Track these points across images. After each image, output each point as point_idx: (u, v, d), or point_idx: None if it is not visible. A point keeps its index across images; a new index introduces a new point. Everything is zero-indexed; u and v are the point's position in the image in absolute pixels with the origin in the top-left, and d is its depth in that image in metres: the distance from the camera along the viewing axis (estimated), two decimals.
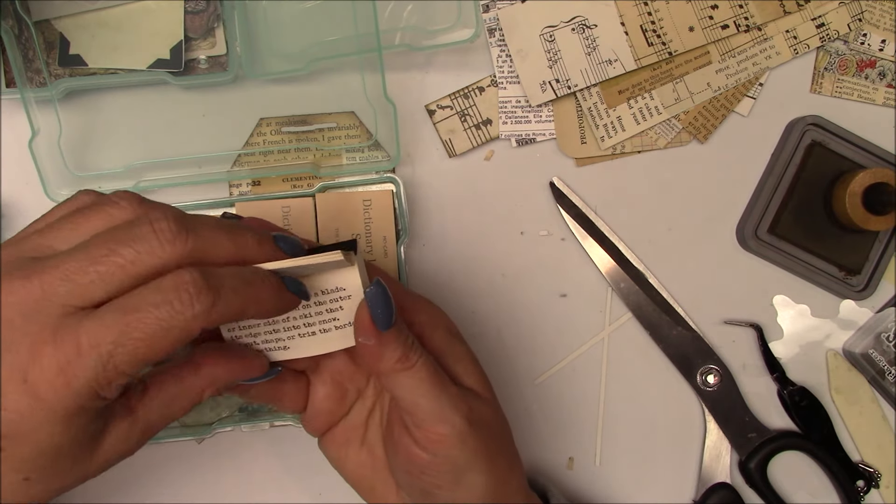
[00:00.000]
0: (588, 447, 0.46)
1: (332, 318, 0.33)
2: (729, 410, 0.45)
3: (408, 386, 0.31)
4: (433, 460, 0.32)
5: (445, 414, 0.31)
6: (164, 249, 0.26)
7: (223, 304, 0.26)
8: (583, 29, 0.45)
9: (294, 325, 0.33)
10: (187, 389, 0.30)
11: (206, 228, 0.28)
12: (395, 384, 0.31)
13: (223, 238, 0.28)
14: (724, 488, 0.45)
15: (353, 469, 0.36)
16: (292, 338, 0.33)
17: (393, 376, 0.31)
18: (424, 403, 0.31)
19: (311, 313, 0.32)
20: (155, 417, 0.29)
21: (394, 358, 0.31)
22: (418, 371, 0.31)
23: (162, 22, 0.43)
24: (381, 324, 0.31)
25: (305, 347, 0.33)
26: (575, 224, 0.46)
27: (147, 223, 0.26)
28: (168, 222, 0.26)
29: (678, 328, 0.46)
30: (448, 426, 0.31)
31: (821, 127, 0.46)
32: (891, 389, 0.46)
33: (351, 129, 0.45)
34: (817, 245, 0.46)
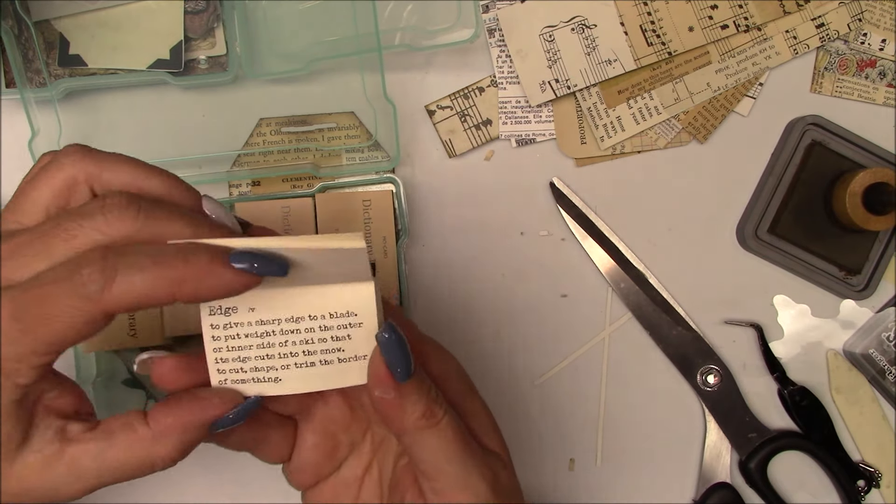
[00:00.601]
0: (588, 447, 0.46)
1: (336, 349, 0.28)
2: (729, 410, 0.45)
3: (432, 447, 0.27)
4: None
5: (471, 481, 0.28)
6: (109, 226, 0.25)
7: (120, 287, 0.23)
8: (582, 29, 0.45)
9: (291, 352, 0.28)
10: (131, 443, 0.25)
11: (163, 212, 0.26)
12: (417, 444, 0.28)
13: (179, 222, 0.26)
14: (725, 488, 0.45)
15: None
16: (287, 367, 0.28)
17: (416, 434, 0.27)
18: (449, 468, 0.28)
19: (313, 339, 0.28)
20: (88, 461, 0.25)
21: (417, 413, 0.27)
22: (444, 430, 0.28)
23: (162, 22, 0.43)
24: (400, 374, 0.27)
25: (301, 381, 0.28)
26: (575, 224, 0.46)
27: (100, 199, 0.25)
28: (119, 198, 0.25)
29: (678, 328, 0.46)
30: (472, 495, 0.28)
31: (821, 127, 0.46)
32: (891, 389, 0.46)
33: (351, 130, 0.45)
34: (817, 245, 0.46)
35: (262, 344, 0.28)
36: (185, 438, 0.26)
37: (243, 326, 0.27)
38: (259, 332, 0.27)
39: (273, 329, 0.27)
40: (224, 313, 0.27)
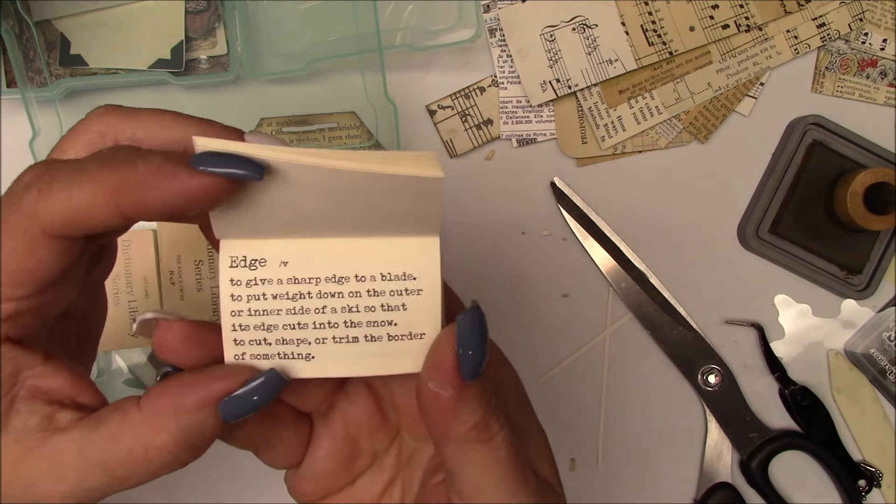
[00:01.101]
0: (589, 447, 0.46)
1: (387, 321, 0.22)
2: (730, 410, 0.45)
3: (479, 465, 0.23)
4: None
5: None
6: None
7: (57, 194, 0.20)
8: (583, 29, 0.45)
9: (330, 321, 0.22)
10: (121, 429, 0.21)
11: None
12: (461, 458, 0.23)
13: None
14: (726, 488, 0.45)
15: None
16: (323, 341, 0.22)
17: (462, 447, 0.22)
18: (494, 494, 0.23)
19: (359, 306, 0.22)
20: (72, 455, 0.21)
21: (470, 422, 0.22)
22: (497, 448, 0.23)
23: (163, 22, 0.43)
24: (468, 370, 0.22)
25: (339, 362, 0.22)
26: (576, 224, 0.46)
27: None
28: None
29: (679, 328, 0.46)
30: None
31: (822, 126, 0.46)
32: (892, 389, 0.46)
33: (352, 130, 0.45)
34: (818, 245, 0.46)
35: (293, 309, 0.22)
36: (185, 423, 0.21)
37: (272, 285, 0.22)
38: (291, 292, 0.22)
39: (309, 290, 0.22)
40: (249, 266, 0.22)
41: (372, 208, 0.21)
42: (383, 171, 0.20)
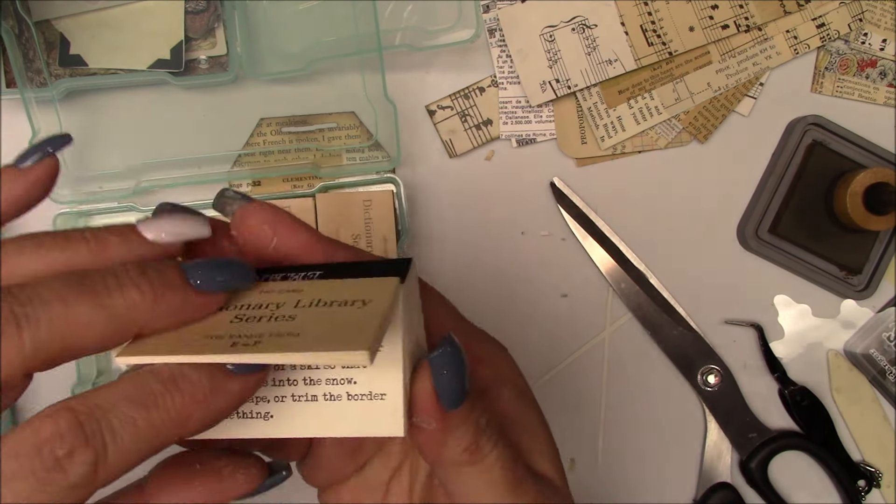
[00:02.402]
0: (589, 448, 0.46)
1: (346, 379, 0.21)
2: (730, 410, 0.45)
3: (472, 485, 0.23)
4: None
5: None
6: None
7: (115, 454, 0.18)
8: (583, 29, 0.45)
9: (289, 378, 0.22)
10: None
11: (56, 303, 0.18)
12: (454, 479, 0.23)
13: (85, 310, 0.18)
14: (725, 488, 0.45)
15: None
16: (282, 399, 0.22)
17: (454, 469, 0.23)
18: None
19: (318, 364, 0.21)
20: None
21: (460, 447, 0.22)
22: (490, 468, 0.23)
23: (162, 22, 0.43)
24: (451, 401, 0.21)
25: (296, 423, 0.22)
26: (575, 224, 0.46)
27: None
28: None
29: (679, 328, 0.46)
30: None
31: (821, 127, 0.46)
32: (892, 389, 0.46)
33: (351, 130, 0.45)
34: (818, 245, 0.46)
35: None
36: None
37: None
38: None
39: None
40: None
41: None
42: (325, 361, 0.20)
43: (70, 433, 0.17)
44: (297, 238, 0.23)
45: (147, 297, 0.19)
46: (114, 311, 0.19)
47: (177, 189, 0.44)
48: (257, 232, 0.23)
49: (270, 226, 0.23)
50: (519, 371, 0.27)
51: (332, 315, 0.20)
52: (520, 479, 0.23)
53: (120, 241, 0.20)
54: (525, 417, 0.26)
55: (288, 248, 0.23)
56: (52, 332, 0.18)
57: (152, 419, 0.18)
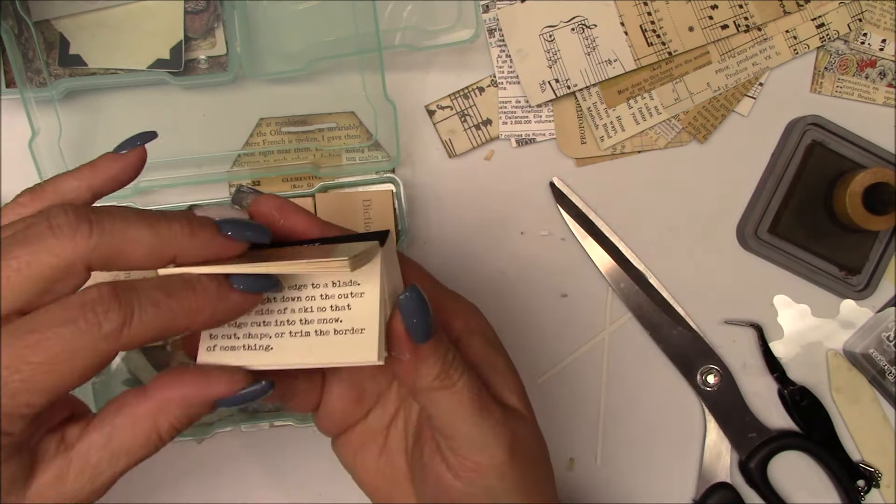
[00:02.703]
0: (588, 447, 0.46)
1: (334, 318, 0.27)
2: (729, 410, 0.45)
3: (446, 407, 0.28)
4: (467, 491, 0.29)
5: (487, 443, 0.28)
6: (62, 246, 0.23)
7: (139, 323, 0.23)
8: (582, 29, 0.45)
9: (288, 319, 0.27)
10: (133, 420, 0.25)
11: (118, 217, 0.24)
12: (431, 403, 0.28)
13: (140, 228, 0.24)
14: (725, 488, 0.45)
15: (370, 478, 0.33)
16: (281, 335, 0.27)
17: (430, 394, 0.28)
18: (464, 428, 0.28)
19: (312, 307, 0.27)
20: (97, 456, 0.24)
21: (431, 374, 0.27)
22: (460, 391, 0.28)
23: (162, 22, 0.43)
24: (418, 335, 0.27)
25: (292, 353, 0.27)
26: (575, 224, 0.46)
27: (44, 219, 0.23)
28: (66, 216, 0.23)
29: (678, 328, 0.46)
30: (488, 457, 0.28)
31: (821, 127, 0.46)
32: (891, 389, 0.46)
33: (351, 130, 0.45)
34: (818, 245, 0.46)
35: (260, 310, 0.27)
36: (189, 412, 0.26)
37: None
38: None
39: (275, 296, 0.27)
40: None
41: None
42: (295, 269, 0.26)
43: (109, 297, 0.23)
44: (298, 218, 0.29)
45: (185, 229, 0.25)
46: (160, 233, 0.24)
47: (177, 189, 0.44)
48: (268, 216, 0.29)
49: (278, 211, 0.29)
50: (488, 324, 0.33)
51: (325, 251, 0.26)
52: (486, 402, 0.28)
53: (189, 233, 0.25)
54: (494, 361, 0.31)
55: (293, 226, 0.29)
56: (113, 237, 0.23)
57: (171, 304, 0.24)
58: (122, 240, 0.24)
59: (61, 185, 0.27)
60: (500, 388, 0.31)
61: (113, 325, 0.23)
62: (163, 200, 0.44)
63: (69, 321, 0.22)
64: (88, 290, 0.23)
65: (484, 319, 0.33)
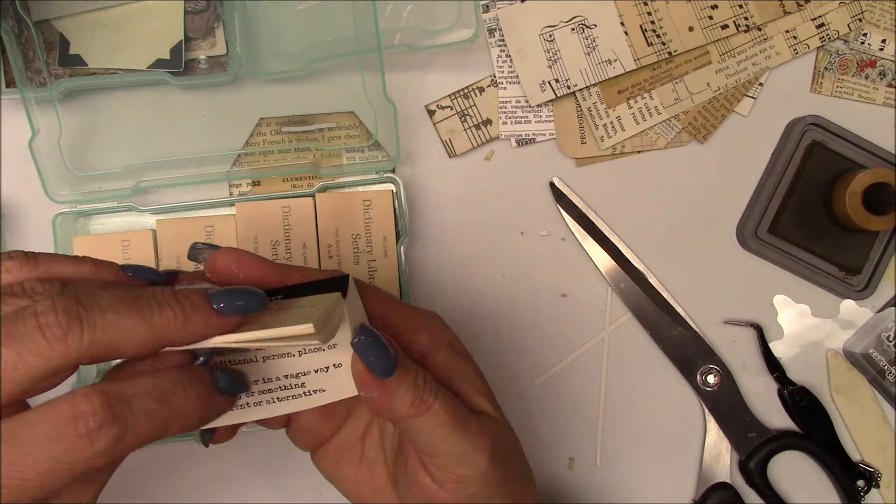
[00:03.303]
0: (588, 447, 0.46)
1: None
2: (729, 410, 0.45)
3: (425, 430, 0.28)
4: (453, 499, 0.30)
5: (468, 455, 0.29)
6: (53, 350, 0.22)
7: (132, 436, 0.22)
8: (582, 29, 0.45)
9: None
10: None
11: (109, 311, 0.23)
12: (411, 429, 0.28)
13: (133, 321, 0.23)
14: (725, 488, 0.45)
15: (352, 487, 0.34)
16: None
17: (408, 422, 0.28)
18: (445, 447, 0.29)
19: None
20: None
21: (406, 404, 0.28)
22: (436, 413, 0.28)
23: (162, 22, 0.43)
24: (381, 372, 0.27)
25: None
26: (575, 224, 0.46)
27: (32, 315, 0.22)
28: (56, 314, 0.22)
29: (678, 328, 0.46)
30: (471, 468, 0.29)
31: (821, 127, 0.46)
32: (891, 389, 0.46)
33: (351, 129, 0.45)
34: (817, 245, 0.46)
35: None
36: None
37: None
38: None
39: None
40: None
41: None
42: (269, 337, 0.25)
43: (102, 411, 0.22)
44: (257, 268, 0.29)
45: (178, 316, 0.24)
46: (153, 325, 0.24)
47: (176, 189, 0.44)
48: (226, 270, 0.29)
49: (236, 264, 0.29)
50: (452, 332, 0.33)
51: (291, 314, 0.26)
52: (462, 417, 0.29)
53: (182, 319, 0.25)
54: (461, 369, 0.32)
55: (253, 278, 0.29)
56: (105, 334, 0.23)
57: (163, 413, 0.23)
58: (114, 336, 0.23)
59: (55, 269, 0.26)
60: (470, 394, 0.31)
61: (106, 443, 0.22)
62: (163, 200, 0.44)
63: (59, 437, 0.21)
64: (78, 400, 0.22)
65: (447, 328, 0.33)
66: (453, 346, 0.33)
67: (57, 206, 0.42)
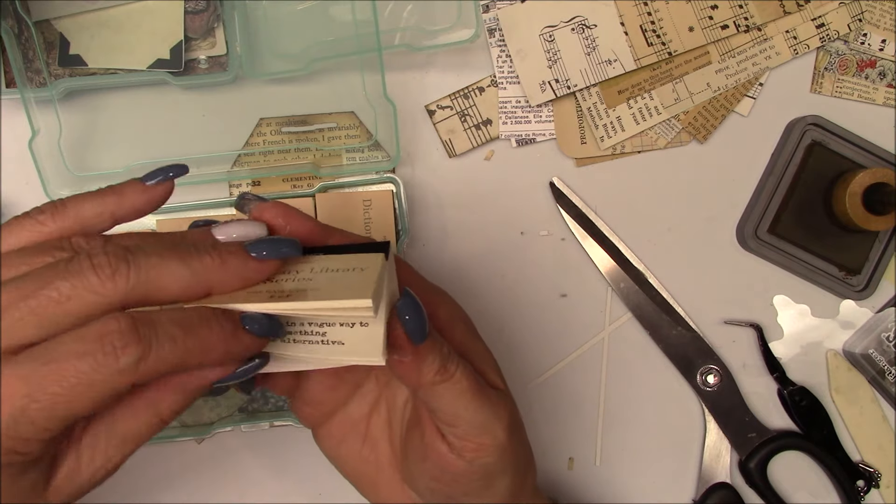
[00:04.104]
0: (588, 447, 0.46)
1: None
2: (729, 410, 0.45)
3: (447, 398, 0.29)
4: (469, 468, 0.31)
5: (488, 425, 0.30)
6: (103, 286, 0.23)
7: (155, 357, 0.23)
8: (582, 29, 0.45)
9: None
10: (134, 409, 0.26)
11: (154, 257, 0.25)
12: (433, 397, 0.29)
13: (175, 265, 0.25)
14: (724, 488, 0.45)
15: (354, 466, 0.35)
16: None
17: (432, 388, 0.29)
18: (467, 415, 0.29)
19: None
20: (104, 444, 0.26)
21: (432, 371, 0.29)
22: (458, 381, 0.29)
23: (162, 22, 0.43)
24: (416, 337, 0.28)
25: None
26: (575, 224, 0.46)
27: (86, 257, 0.24)
28: (106, 256, 0.24)
29: (678, 328, 0.46)
30: (491, 437, 0.30)
31: (821, 127, 0.46)
32: (891, 389, 0.46)
33: (351, 129, 0.45)
34: (817, 245, 0.46)
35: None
36: (186, 396, 0.27)
37: None
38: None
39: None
40: None
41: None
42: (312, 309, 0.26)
43: (128, 331, 0.23)
44: (303, 224, 0.30)
45: (216, 261, 0.26)
46: (194, 269, 0.25)
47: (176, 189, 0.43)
48: (272, 223, 0.30)
49: (283, 217, 0.30)
50: (463, 311, 0.34)
51: (340, 277, 0.27)
52: (482, 387, 0.30)
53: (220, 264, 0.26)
54: (476, 347, 0.33)
55: (297, 233, 0.30)
56: (149, 275, 0.24)
57: (187, 342, 0.24)
58: (158, 279, 0.24)
59: (83, 209, 0.27)
60: (483, 370, 0.32)
61: (129, 361, 0.23)
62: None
63: (87, 354, 0.23)
64: (107, 320, 0.23)
65: (461, 308, 0.34)
66: (467, 323, 0.34)
67: None
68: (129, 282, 0.24)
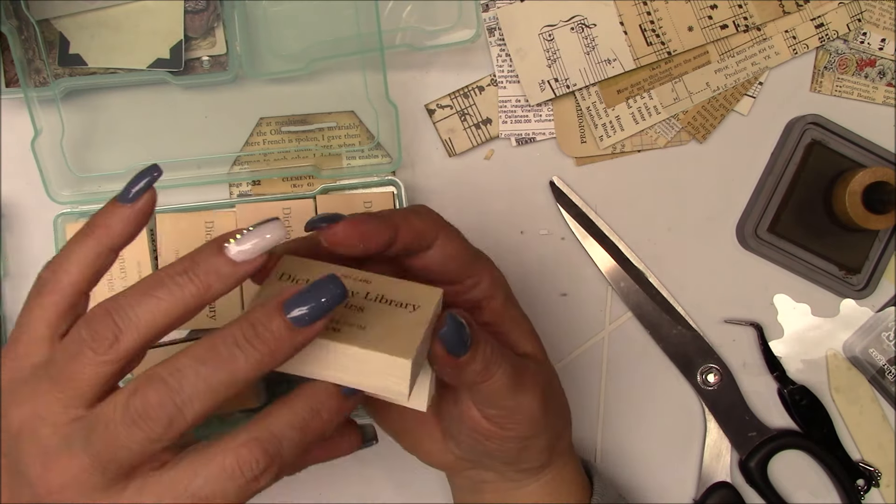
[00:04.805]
0: (588, 446, 0.46)
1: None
2: (729, 409, 0.45)
3: (485, 391, 0.30)
4: (504, 434, 0.32)
5: (523, 406, 0.31)
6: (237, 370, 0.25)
7: (287, 465, 0.27)
8: (582, 28, 0.45)
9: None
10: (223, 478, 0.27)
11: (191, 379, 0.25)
12: (474, 392, 0.31)
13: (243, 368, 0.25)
14: (725, 487, 0.45)
15: (395, 420, 0.35)
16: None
17: (473, 387, 0.30)
18: (504, 403, 0.31)
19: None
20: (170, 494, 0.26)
21: (474, 374, 0.30)
22: (499, 379, 0.30)
23: (162, 22, 0.43)
24: (456, 352, 0.29)
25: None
26: (575, 223, 0.46)
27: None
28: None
29: (678, 327, 0.46)
30: (526, 419, 0.32)
31: (821, 126, 0.46)
32: (891, 388, 0.46)
33: (351, 129, 0.45)
34: (817, 244, 0.46)
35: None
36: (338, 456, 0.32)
37: None
38: None
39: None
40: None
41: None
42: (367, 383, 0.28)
43: (263, 458, 0.26)
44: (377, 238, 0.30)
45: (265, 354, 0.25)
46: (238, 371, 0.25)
47: (177, 189, 0.44)
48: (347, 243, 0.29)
49: (357, 237, 0.29)
50: (503, 277, 0.34)
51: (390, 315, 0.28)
52: (519, 378, 0.31)
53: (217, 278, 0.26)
54: (513, 315, 0.34)
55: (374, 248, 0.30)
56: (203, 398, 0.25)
57: (305, 439, 0.27)
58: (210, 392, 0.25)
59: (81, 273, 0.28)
60: (518, 337, 0.34)
61: (271, 478, 0.27)
62: (163, 201, 0.44)
63: (231, 487, 0.26)
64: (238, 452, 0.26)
65: (501, 273, 0.34)
66: (506, 291, 0.34)
67: (58, 206, 0.42)
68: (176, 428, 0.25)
